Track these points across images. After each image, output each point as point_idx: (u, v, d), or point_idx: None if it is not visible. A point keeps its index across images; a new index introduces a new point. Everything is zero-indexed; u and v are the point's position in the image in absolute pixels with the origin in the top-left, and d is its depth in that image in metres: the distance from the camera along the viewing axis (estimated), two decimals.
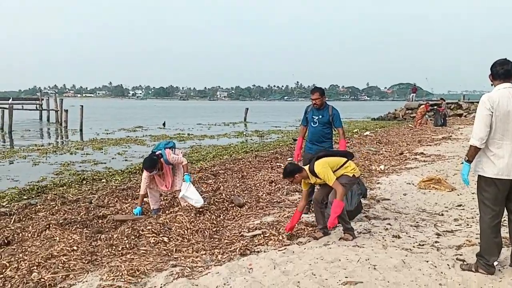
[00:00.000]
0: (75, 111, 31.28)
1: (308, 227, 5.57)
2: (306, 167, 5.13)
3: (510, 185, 3.76)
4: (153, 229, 5.47)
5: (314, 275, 3.85)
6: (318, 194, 5.23)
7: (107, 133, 24.70)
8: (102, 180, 10.50)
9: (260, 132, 25.63)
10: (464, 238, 4.92)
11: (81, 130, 26.44)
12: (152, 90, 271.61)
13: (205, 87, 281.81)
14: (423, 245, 4.78)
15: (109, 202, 7.56)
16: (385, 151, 13.69)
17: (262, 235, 5.35)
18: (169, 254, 4.80)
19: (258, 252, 4.79)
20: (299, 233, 5.39)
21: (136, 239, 5.29)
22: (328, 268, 3.98)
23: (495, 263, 3.87)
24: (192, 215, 6.06)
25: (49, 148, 17.44)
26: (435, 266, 4.05)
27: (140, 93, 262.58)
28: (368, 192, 7.35)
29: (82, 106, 28.58)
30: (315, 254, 4.40)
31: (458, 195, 7.42)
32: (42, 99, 42.22)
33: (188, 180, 6.54)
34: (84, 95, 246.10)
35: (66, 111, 29.77)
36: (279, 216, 6.31)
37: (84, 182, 10.26)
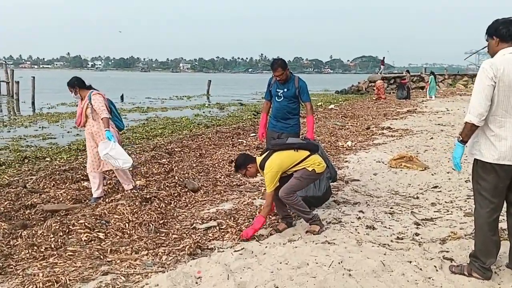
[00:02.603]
0: (27, 83, 29.30)
1: (270, 217, 4.83)
2: (260, 158, 4.38)
3: None
4: (86, 223, 4.56)
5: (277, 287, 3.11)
6: None
7: (50, 107, 23.04)
8: (46, 159, 9.44)
9: (221, 105, 24.74)
10: (447, 229, 4.30)
11: (33, 103, 24.95)
12: (112, 61, 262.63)
13: (168, 59, 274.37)
14: (402, 238, 4.13)
15: (45, 186, 6.59)
16: (351, 125, 13.07)
17: (217, 227, 4.60)
18: (102, 256, 3.93)
19: (211, 249, 4.03)
20: None
21: (64, 236, 4.39)
22: (294, 277, 3.21)
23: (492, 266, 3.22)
24: (137, 204, 5.15)
25: None
26: (420, 269, 3.38)
27: (100, 64, 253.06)
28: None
29: (33, 77, 27.11)
30: (278, 256, 3.63)
31: (432, 174, 6.84)
32: None
33: (110, 137, 5.44)
34: (41, 66, 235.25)
35: (18, 82, 28.07)
36: (238, 202, 5.56)
37: (26, 161, 9.17)
